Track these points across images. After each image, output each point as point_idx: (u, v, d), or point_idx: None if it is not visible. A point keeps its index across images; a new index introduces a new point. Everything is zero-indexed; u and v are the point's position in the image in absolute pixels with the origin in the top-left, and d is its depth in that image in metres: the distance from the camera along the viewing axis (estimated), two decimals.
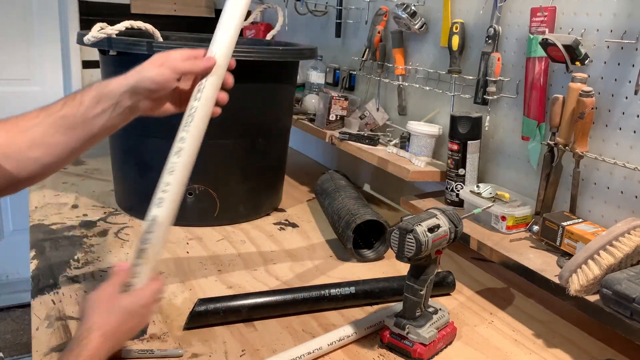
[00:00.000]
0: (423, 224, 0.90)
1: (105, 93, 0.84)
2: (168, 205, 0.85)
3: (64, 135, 0.82)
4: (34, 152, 0.81)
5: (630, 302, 0.82)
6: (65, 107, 0.83)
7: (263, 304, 1.03)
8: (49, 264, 1.20)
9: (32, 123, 0.81)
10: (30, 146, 0.80)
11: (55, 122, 0.82)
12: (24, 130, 0.81)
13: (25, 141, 0.80)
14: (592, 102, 1.03)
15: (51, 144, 0.82)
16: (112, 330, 0.77)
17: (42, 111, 0.83)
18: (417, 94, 1.56)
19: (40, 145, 0.81)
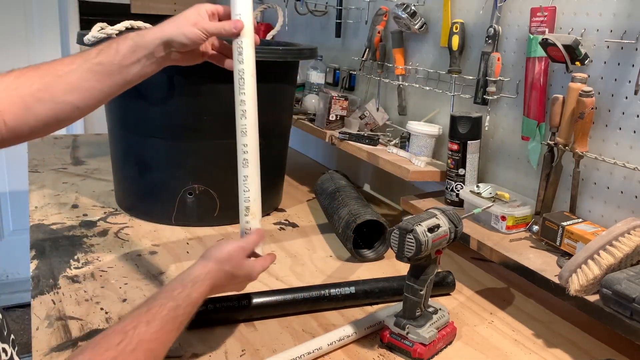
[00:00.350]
0: (423, 224, 0.90)
1: (141, 44, 0.90)
2: (252, 162, 0.96)
3: (99, 81, 0.87)
4: (70, 97, 0.85)
5: (630, 302, 0.82)
6: (101, 54, 0.87)
7: (263, 304, 1.03)
8: (49, 264, 1.20)
9: (69, 69, 0.85)
10: (66, 91, 0.84)
11: (92, 68, 0.86)
12: (60, 75, 0.84)
13: (61, 86, 0.84)
14: (592, 102, 1.03)
15: (87, 88, 0.86)
16: (219, 285, 0.88)
17: (77, 57, 0.87)
18: (417, 94, 1.56)
19: (76, 89, 0.85)
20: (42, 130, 0.86)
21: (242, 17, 0.95)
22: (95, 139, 2.30)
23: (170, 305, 0.77)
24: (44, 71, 0.84)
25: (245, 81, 0.97)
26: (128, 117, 1.43)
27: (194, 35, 0.92)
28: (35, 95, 0.82)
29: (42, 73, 0.84)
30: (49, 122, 0.85)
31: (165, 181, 1.43)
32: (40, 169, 1.83)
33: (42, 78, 0.83)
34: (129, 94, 1.38)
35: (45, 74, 0.84)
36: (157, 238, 1.37)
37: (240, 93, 0.98)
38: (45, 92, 0.83)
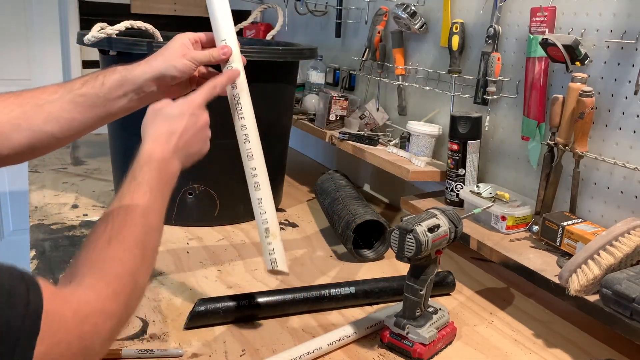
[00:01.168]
0: (423, 224, 0.90)
1: (129, 78, 0.89)
2: (264, 184, 0.98)
3: (81, 113, 0.86)
4: (48, 126, 0.84)
5: (630, 302, 0.82)
6: (86, 85, 0.87)
7: (263, 304, 1.03)
8: (49, 264, 1.20)
9: (51, 98, 0.85)
10: (46, 120, 0.84)
11: (74, 99, 0.86)
12: (41, 104, 0.84)
13: (41, 115, 0.83)
14: (592, 102, 1.03)
15: (67, 119, 0.85)
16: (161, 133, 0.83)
17: (61, 87, 0.86)
18: (417, 94, 1.56)
19: (55, 119, 0.84)
20: (16, 159, 0.85)
21: (228, 42, 0.96)
22: (95, 139, 2.30)
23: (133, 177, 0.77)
24: (24, 99, 0.83)
25: (242, 105, 0.98)
26: (128, 117, 1.43)
27: (184, 67, 0.92)
28: (12, 122, 0.81)
29: (22, 101, 0.83)
30: (23, 150, 0.84)
31: None
32: (40, 169, 1.83)
33: (21, 106, 0.83)
34: None
35: (26, 102, 0.83)
36: None
37: (239, 118, 0.98)
38: (23, 120, 0.82)
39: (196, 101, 0.88)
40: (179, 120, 0.85)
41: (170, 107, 0.86)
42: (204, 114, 0.89)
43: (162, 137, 0.83)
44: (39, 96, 0.85)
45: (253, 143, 0.98)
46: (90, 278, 0.62)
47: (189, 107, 0.87)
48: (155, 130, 0.84)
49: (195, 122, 0.87)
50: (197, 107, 0.88)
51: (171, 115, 0.85)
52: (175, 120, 0.85)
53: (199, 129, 0.88)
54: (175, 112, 0.85)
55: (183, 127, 0.85)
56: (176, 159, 0.84)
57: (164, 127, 0.84)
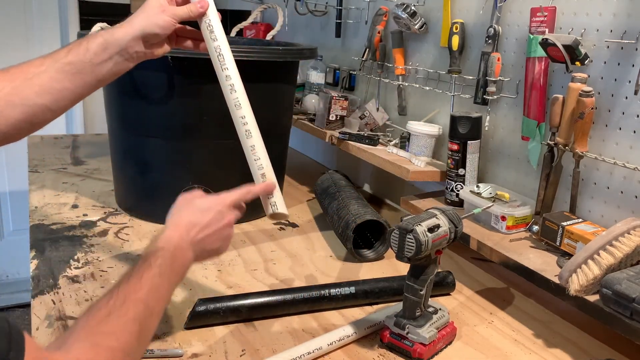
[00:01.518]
0: (423, 224, 0.90)
1: (112, 40, 0.89)
2: (254, 131, 0.98)
3: (71, 81, 0.86)
4: (41, 99, 0.84)
5: (630, 302, 0.82)
6: (71, 53, 0.86)
7: (263, 304, 1.03)
8: (49, 264, 1.20)
9: (38, 70, 0.84)
10: (38, 93, 0.83)
11: (62, 68, 0.85)
12: (30, 77, 0.83)
13: (32, 88, 0.83)
14: (592, 102, 1.03)
15: (58, 90, 0.85)
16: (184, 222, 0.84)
17: (46, 58, 0.85)
18: (417, 94, 1.56)
19: (47, 91, 0.84)
20: (15, 135, 0.85)
21: None
22: (95, 139, 2.30)
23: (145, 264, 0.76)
24: (12, 75, 0.83)
25: (224, 57, 0.98)
26: (128, 117, 1.43)
27: (165, 23, 0.92)
28: (5, 99, 0.81)
29: (12, 77, 0.83)
30: (20, 125, 0.83)
31: (165, 181, 1.42)
32: (40, 169, 1.83)
33: (11, 82, 0.82)
34: (129, 94, 1.40)
35: (15, 77, 0.83)
36: None
37: (223, 69, 0.98)
38: (15, 96, 0.82)
39: (227, 200, 0.89)
40: (204, 214, 0.86)
41: (200, 200, 0.88)
42: (232, 214, 0.90)
43: (183, 226, 0.83)
44: (27, 70, 0.84)
45: (239, 92, 0.98)
46: (81, 346, 0.61)
47: (218, 204, 0.88)
48: (179, 218, 0.85)
49: (220, 219, 0.87)
50: (227, 206, 0.89)
51: (199, 207, 0.86)
52: (201, 213, 0.86)
53: (221, 227, 0.88)
54: (204, 205, 0.87)
55: (207, 221, 0.86)
56: (192, 251, 0.83)
57: (188, 217, 0.85)
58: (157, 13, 0.92)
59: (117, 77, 0.94)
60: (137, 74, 1.36)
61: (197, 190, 0.90)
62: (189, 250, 0.83)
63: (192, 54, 1.27)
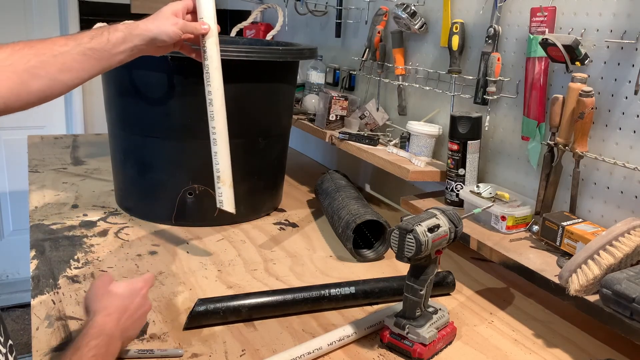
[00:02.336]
0: (423, 224, 0.90)
1: (130, 38, 1.00)
2: (220, 141, 1.16)
3: (90, 64, 0.96)
4: (63, 76, 0.92)
5: (630, 302, 0.82)
6: (94, 40, 0.96)
7: (263, 304, 1.03)
8: (49, 264, 1.20)
9: (63, 50, 0.93)
10: (61, 70, 0.92)
11: (84, 52, 0.95)
12: (56, 55, 0.91)
13: (56, 65, 0.91)
14: (592, 102, 1.03)
15: (77, 69, 0.94)
16: (114, 309, 0.88)
17: (69, 40, 0.94)
18: (417, 94, 1.56)
19: (68, 69, 0.93)
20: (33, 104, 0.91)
21: (206, 20, 1.11)
22: (95, 139, 2.30)
23: None
24: (39, 49, 0.90)
25: (210, 75, 1.14)
26: (128, 117, 1.43)
27: (175, 35, 1.05)
28: (31, 71, 0.88)
29: (38, 51, 0.90)
30: (40, 96, 0.91)
31: (165, 181, 1.43)
32: (40, 169, 1.83)
33: (37, 56, 0.89)
34: (129, 94, 1.40)
35: (41, 52, 0.90)
36: (157, 238, 1.37)
37: (207, 84, 1.15)
38: (41, 70, 0.89)
39: (144, 288, 0.95)
40: (131, 299, 0.91)
41: (120, 285, 0.92)
42: (149, 301, 0.96)
43: (115, 313, 0.87)
44: (53, 47, 0.92)
45: (215, 106, 1.15)
46: None
47: (139, 289, 0.94)
48: (107, 303, 0.88)
49: (143, 304, 0.93)
50: (145, 293, 0.95)
51: (122, 294, 0.91)
52: (128, 298, 0.91)
53: (144, 312, 0.94)
54: (126, 291, 0.92)
55: (134, 307, 0.91)
56: (119, 340, 0.86)
57: (117, 302, 0.89)
58: (169, 24, 1.05)
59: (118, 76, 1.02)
60: (137, 74, 1.37)
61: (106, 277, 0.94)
62: (118, 340, 0.86)
63: None
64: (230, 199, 1.19)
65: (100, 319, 0.84)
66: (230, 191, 1.18)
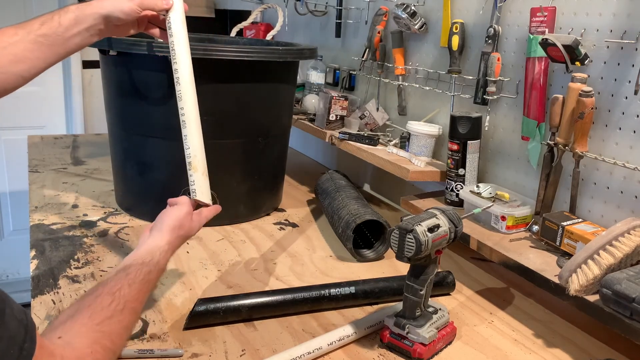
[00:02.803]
0: (423, 224, 0.90)
1: (82, 18, 0.96)
2: (191, 123, 1.06)
3: (43, 52, 0.92)
4: (16, 67, 0.89)
5: (630, 302, 0.82)
6: (44, 26, 0.93)
7: (263, 304, 1.03)
8: (49, 264, 1.20)
9: (12, 40, 0.89)
10: (12, 62, 0.89)
11: (36, 39, 0.91)
12: (5, 46, 0.89)
13: (7, 57, 0.89)
14: (592, 102, 1.03)
15: (31, 59, 0.91)
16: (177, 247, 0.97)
17: (19, 29, 0.91)
18: (417, 94, 1.56)
19: (21, 60, 0.90)
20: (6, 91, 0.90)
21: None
22: (95, 139, 2.30)
23: (145, 270, 0.84)
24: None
25: (176, 52, 1.06)
26: (128, 117, 1.43)
27: (130, 11, 1.01)
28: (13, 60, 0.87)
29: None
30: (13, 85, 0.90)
31: (165, 181, 1.42)
32: (40, 169, 1.83)
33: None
34: (129, 94, 1.40)
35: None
36: None
37: (173, 62, 1.07)
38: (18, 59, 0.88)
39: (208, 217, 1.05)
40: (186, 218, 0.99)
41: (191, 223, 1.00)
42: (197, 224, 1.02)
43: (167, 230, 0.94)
44: (1, 39, 0.89)
45: (183, 85, 1.06)
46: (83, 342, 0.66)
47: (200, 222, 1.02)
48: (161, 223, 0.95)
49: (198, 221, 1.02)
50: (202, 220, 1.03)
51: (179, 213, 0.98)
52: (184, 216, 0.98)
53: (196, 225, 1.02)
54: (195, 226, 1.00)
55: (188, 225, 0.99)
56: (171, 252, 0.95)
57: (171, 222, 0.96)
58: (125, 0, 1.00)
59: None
60: (137, 74, 1.37)
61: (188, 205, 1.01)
62: (169, 252, 0.93)
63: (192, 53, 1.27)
64: (204, 188, 1.07)
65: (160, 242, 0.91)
66: (204, 179, 1.07)
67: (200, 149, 1.07)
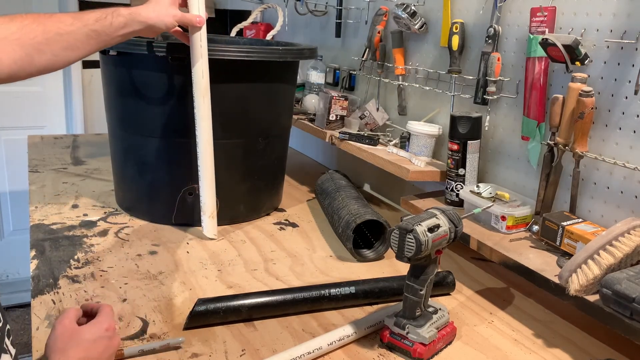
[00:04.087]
0: (423, 223, 0.90)
1: (131, 24, 1.08)
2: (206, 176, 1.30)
3: (90, 45, 1.03)
4: (66, 53, 0.99)
5: (630, 302, 0.82)
6: (98, 23, 1.03)
7: (263, 304, 1.03)
8: (49, 264, 1.20)
9: (69, 29, 0.99)
10: (65, 48, 0.99)
11: (88, 33, 1.02)
12: (62, 33, 0.98)
13: (61, 43, 0.98)
14: (592, 102, 1.03)
15: (79, 48, 1.01)
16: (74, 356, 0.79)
17: (76, 19, 1.01)
18: (417, 94, 1.56)
19: (71, 48, 1.00)
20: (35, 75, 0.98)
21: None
22: (95, 139, 2.30)
23: None
24: (47, 26, 0.96)
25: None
26: (128, 117, 1.43)
27: (172, 25, 1.16)
28: (37, 47, 0.94)
29: (45, 28, 0.96)
30: (42, 70, 0.97)
31: (165, 181, 1.43)
32: (40, 169, 1.83)
33: (45, 33, 0.95)
34: (129, 94, 1.40)
35: (48, 29, 0.96)
36: (157, 238, 1.37)
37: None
38: (46, 46, 0.95)
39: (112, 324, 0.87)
40: (95, 346, 0.82)
41: (84, 333, 0.84)
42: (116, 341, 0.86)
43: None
44: (59, 26, 0.98)
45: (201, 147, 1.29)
46: None
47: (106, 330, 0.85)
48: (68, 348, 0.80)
49: (108, 347, 0.84)
50: (113, 330, 0.87)
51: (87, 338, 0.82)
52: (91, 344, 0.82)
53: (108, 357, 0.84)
54: (90, 337, 0.83)
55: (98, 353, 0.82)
56: None
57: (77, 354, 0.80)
58: (168, 15, 1.14)
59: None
60: (137, 74, 1.37)
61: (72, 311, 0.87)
62: None
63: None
64: (210, 227, 1.34)
65: None
66: (210, 221, 1.34)
67: (211, 197, 1.31)
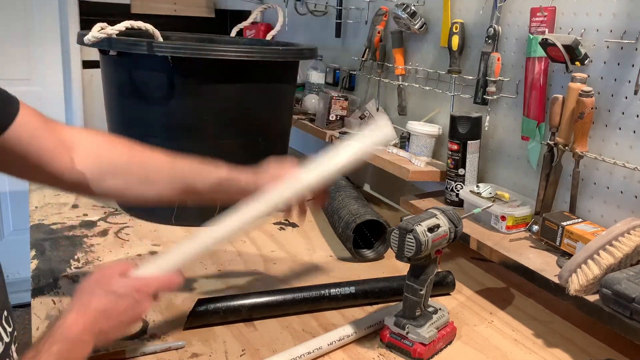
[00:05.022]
0: (423, 223, 0.90)
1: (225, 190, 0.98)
2: None
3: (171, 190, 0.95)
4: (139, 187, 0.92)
5: (630, 302, 0.82)
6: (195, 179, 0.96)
7: (263, 303, 1.03)
8: (49, 264, 1.20)
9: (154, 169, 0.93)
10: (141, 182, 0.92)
11: (174, 183, 0.95)
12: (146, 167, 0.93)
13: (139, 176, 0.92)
14: (592, 102, 1.03)
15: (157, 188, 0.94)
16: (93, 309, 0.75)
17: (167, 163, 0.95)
18: (417, 94, 1.56)
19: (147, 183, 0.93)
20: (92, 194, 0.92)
21: None
22: None
23: None
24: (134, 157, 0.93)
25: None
26: (128, 117, 1.43)
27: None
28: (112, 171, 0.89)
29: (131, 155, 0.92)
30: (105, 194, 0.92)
31: None
32: None
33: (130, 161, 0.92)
34: (129, 94, 1.39)
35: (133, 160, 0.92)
36: (157, 238, 1.37)
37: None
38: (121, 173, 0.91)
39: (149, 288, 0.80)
40: (119, 301, 0.77)
41: (118, 282, 0.78)
42: (147, 303, 0.80)
43: (91, 314, 0.74)
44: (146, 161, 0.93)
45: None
46: None
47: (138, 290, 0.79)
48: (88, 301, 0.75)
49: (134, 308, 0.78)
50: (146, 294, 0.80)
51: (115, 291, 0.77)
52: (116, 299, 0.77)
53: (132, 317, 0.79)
54: (121, 289, 0.78)
55: (120, 310, 0.77)
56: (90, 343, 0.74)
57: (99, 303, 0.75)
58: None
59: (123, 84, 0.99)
60: (137, 74, 1.37)
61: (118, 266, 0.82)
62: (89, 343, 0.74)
63: (192, 53, 1.27)
64: None
65: (72, 319, 0.73)
66: None
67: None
